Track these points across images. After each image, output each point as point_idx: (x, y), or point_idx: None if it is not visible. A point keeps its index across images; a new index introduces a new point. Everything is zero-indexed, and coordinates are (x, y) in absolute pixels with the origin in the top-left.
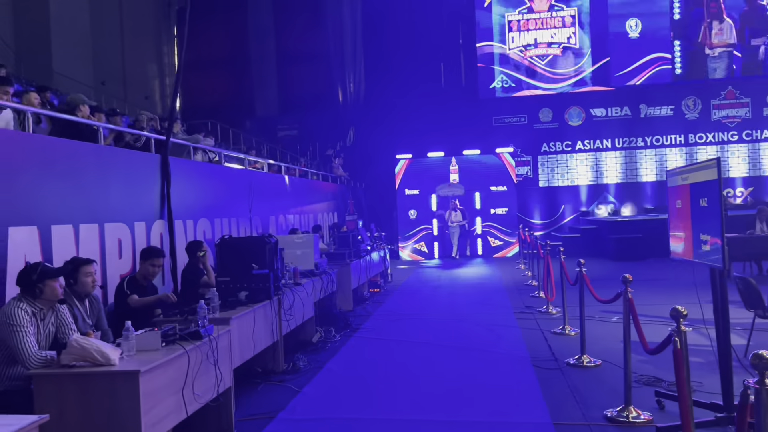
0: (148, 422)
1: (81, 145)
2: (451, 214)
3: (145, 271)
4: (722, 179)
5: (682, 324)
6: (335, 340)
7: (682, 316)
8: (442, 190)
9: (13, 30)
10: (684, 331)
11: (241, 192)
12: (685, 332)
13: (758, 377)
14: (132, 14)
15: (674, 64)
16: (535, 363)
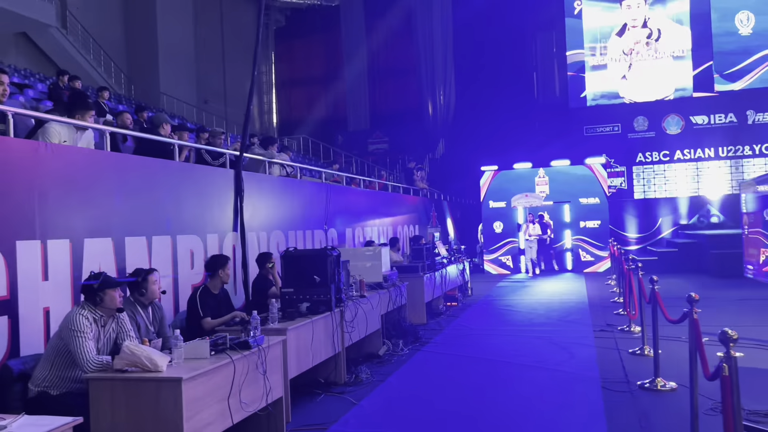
0: (190, 428)
1: (155, 161)
2: (528, 227)
3: (216, 280)
4: None
5: (733, 349)
6: (402, 353)
7: (732, 340)
8: (518, 200)
9: (126, 56)
10: (735, 356)
11: (318, 205)
12: (735, 358)
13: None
14: (232, 36)
15: None
16: (605, 385)
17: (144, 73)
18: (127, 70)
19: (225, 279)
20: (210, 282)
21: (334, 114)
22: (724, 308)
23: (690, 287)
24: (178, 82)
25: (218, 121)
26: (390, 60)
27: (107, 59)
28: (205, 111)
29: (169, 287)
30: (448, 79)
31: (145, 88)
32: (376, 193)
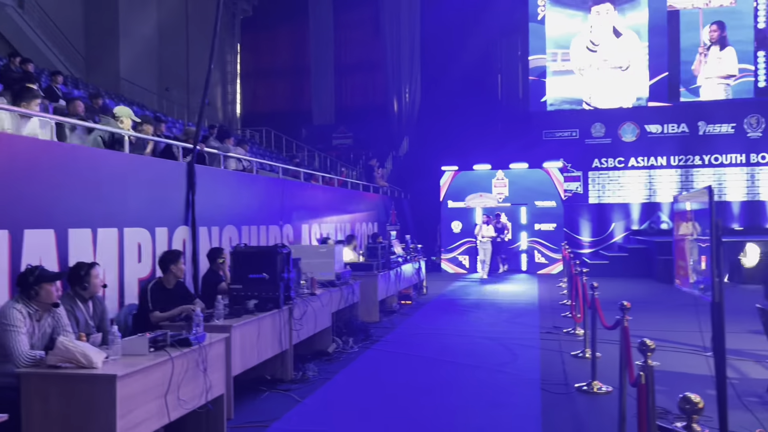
0: (125, 425)
1: (103, 152)
2: (482, 228)
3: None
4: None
5: (650, 359)
6: (352, 351)
7: (650, 350)
8: (473, 200)
9: (84, 38)
10: (651, 365)
11: (274, 200)
12: (651, 367)
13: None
14: (197, 24)
15: (757, 76)
16: (544, 386)
17: (103, 57)
18: (85, 53)
19: (178, 274)
20: (164, 277)
21: (299, 107)
22: (666, 314)
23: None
24: (138, 68)
25: (180, 110)
26: (357, 55)
27: (65, 42)
28: (167, 99)
29: (115, 281)
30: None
31: (104, 73)
32: (335, 189)
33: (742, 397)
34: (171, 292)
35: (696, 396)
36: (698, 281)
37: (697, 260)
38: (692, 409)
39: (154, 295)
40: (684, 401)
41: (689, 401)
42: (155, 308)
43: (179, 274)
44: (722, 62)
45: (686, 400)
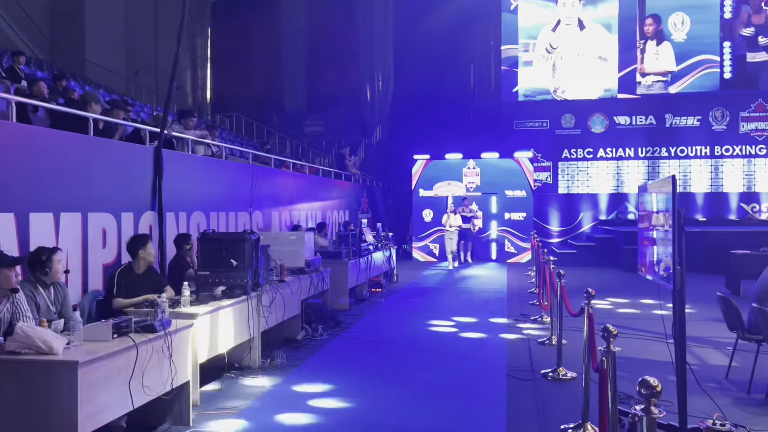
0: (86, 412)
1: (66, 135)
2: (450, 217)
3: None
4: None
5: (612, 344)
6: (321, 338)
7: (612, 336)
8: (440, 188)
9: (49, 19)
10: (613, 351)
11: (243, 187)
12: (614, 352)
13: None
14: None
15: (723, 68)
16: (510, 372)
17: (68, 39)
18: (50, 35)
19: (148, 258)
20: (134, 262)
21: (271, 93)
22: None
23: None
24: (105, 50)
25: (148, 95)
26: (330, 42)
27: (29, 23)
28: (135, 83)
29: (78, 266)
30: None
31: (70, 55)
32: (306, 176)
33: (702, 383)
34: (140, 278)
35: (654, 380)
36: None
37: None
38: (650, 393)
39: (120, 281)
40: (642, 385)
41: (647, 385)
42: (119, 294)
43: (149, 258)
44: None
45: (644, 384)
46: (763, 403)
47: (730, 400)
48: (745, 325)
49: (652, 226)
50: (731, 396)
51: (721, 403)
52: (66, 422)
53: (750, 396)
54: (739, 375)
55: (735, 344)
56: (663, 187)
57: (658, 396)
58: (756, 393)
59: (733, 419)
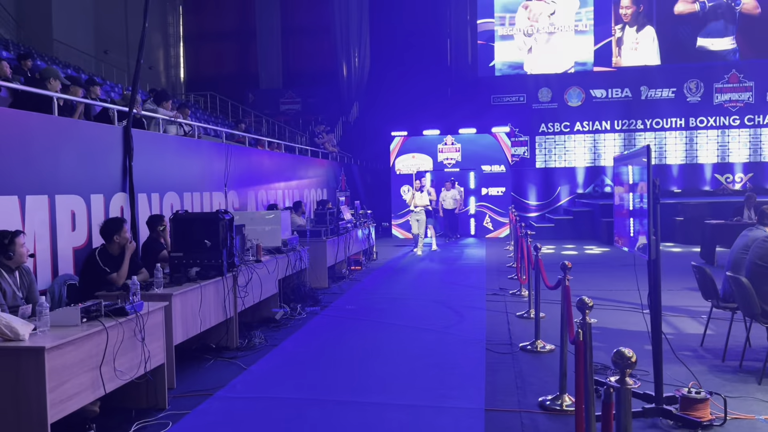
0: (55, 398)
1: (30, 115)
2: (415, 196)
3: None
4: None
5: (588, 316)
6: (300, 317)
7: (588, 307)
8: (403, 162)
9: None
10: (589, 322)
11: (218, 166)
12: (590, 324)
13: (619, 375)
14: None
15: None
16: (489, 346)
17: (35, 17)
18: (15, 13)
19: (123, 242)
20: (108, 245)
21: (246, 71)
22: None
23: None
24: (74, 29)
25: (119, 74)
26: (305, 18)
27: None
28: (105, 62)
29: (47, 250)
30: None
31: (36, 33)
32: (282, 155)
33: (678, 351)
34: (116, 260)
35: (629, 350)
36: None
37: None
38: (625, 364)
39: (104, 260)
40: (617, 356)
41: (622, 356)
42: (113, 271)
43: (124, 242)
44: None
45: (619, 355)
46: (737, 370)
47: (705, 367)
48: (719, 294)
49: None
50: (706, 363)
51: (696, 370)
52: (35, 409)
53: (725, 363)
54: (714, 343)
55: (710, 313)
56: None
57: (632, 367)
58: (730, 360)
59: (708, 387)
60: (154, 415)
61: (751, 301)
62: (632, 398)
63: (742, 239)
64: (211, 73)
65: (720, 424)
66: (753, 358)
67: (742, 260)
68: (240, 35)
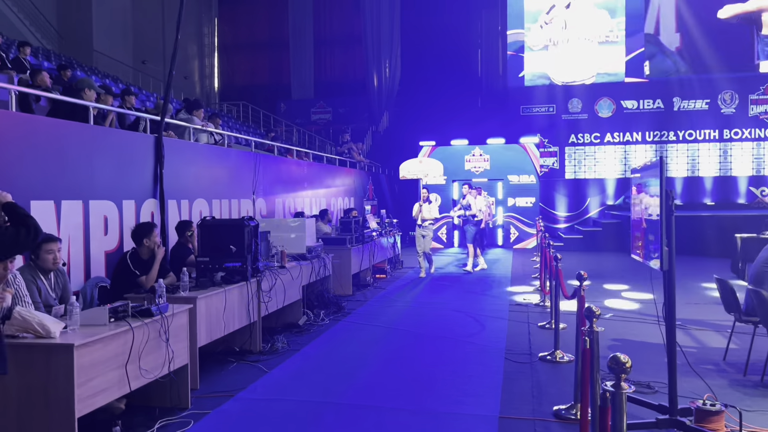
0: (83, 393)
1: (67, 124)
2: (422, 209)
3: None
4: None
5: (596, 324)
6: (323, 323)
7: (595, 315)
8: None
9: (56, 10)
10: (596, 330)
11: (246, 174)
12: (597, 332)
13: (614, 380)
14: None
15: None
16: (508, 356)
17: (76, 28)
18: (57, 24)
19: (152, 246)
20: (138, 249)
21: (278, 81)
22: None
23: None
24: (113, 39)
25: (156, 84)
26: (337, 29)
27: (37, 13)
28: (142, 72)
29: (80, 253)
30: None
31: (77, 44)
32: (310, 164)
33: (700, 365)
34: (146, 263)
35: (624, 356)
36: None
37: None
38: (620, 369)
39: (134, 263)
40: (612, 361)
41: (617, 361)
42: (142, 274)
43: (153, 247)
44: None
45: (615, 360)
46: (758, 384)
47: (726, 381)
48: (742, 308)
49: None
50: (728, 378)
51: (717, 384)
52: (63, 403)
53: (746, 377)
54: (737, 357)
55: (732, 327)
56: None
57: (627, 372)
58: (752, 375)
59: (728, 400)
60: (176, 414)
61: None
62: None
63: (765, 252)
64: (245, 83)
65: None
66: None
67: (765, 274)
68: (273, 46)
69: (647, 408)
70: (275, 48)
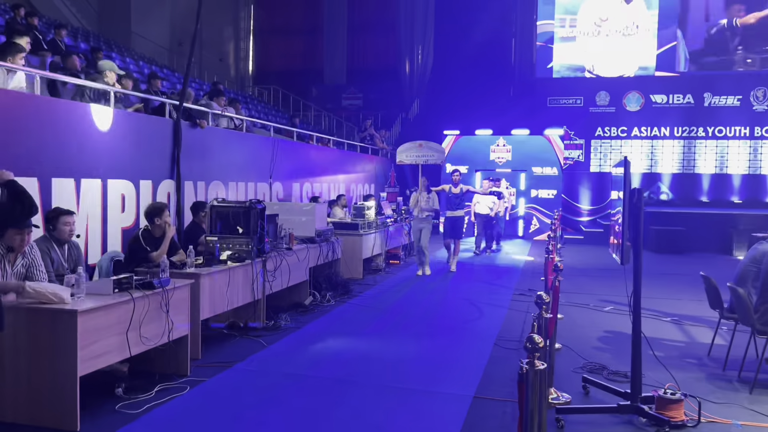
0: (85, 355)
1: (87, 106)
2: (419, 199)
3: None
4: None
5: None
6: (328, 305)
7: (545, 302)
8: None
9: None
10: (545, 317)
11: (264, 158)
12: (546, 318)
13: (528, 359)
14: None
15: None
16: (498, 342)
17: (114, 9)
18: (97, 6)
19: (163, 225)
20: (150, 227)
21: (311, 66)
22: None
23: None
24: (150, 21)
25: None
26: (370, 15)
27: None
28: (178, 54)
29: (98, 229)
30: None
31: (116, 26)
32: (331, 150)
33: (684, 359)
34: (157, 241)
35: (538, 337)
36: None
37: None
38: (534, 348)
39: (146, 240)
40: (528, 340)
41: (532, 341)
42: (152, 251)
43: (164, 225)
44: None
45: (530, 341)
46: (734, 379)
47: (704, 374)
48: (725, 305)
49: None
50: (706, 371)
51: (695, 377)
52: (67, 363)
53: (724, 372)
54: (722, 353)
55: (718, 323)
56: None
57: (541, 351)
58: (731, 370)
59: (700, 392)
60: (176, 380)
61: (747, 312)
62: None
63: (752, 252)
64: (279, 67)
65: (693, 425)
66: (753, 369)
67: (748, 273)
68: (307, 31)
69: (614, 395)
70: (309, 33)
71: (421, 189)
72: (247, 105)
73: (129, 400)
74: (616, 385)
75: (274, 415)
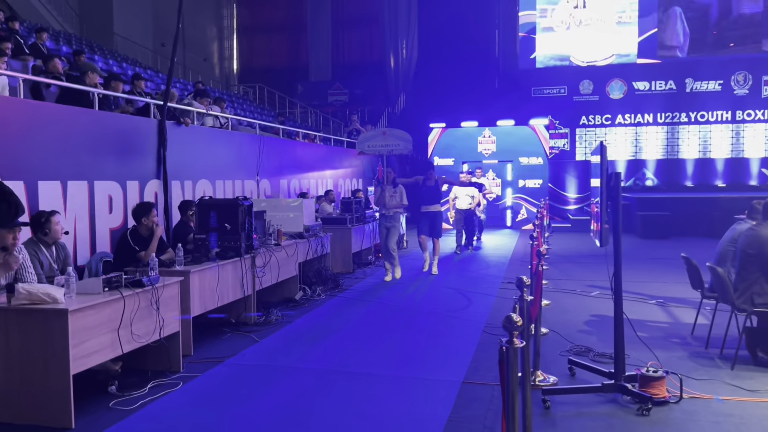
0: (77, 354)
1: (72, 109)
2: (385, 193)
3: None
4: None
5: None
6: (318, 299)
7: (526, 285)
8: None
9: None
10: (527, 299)
11: (250, 156)
12: (527, 300)
13: (508, 337)
14: None
15: None
16: (487, 329)
17: (96, 12)
18: (78, 8)
19: (151, 225)
20: (138, 227)
21: (296, 63)
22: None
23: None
24: (133, 23)
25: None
26: (354, 10)
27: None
28: (161, 55)
29: (86, 230)
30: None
31: (98, 28)
32: (317, 146)
33: (668, 338)
34: (145, 240)
35: (516, 316)
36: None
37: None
38: (512, 327)
39: (134, 240)
40: (506, 320)
41: (510, 320)
42: (141, 249)
43: (152, 225)
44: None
45: (508, 320)
46: (717, 356)
47: (686, 353)
48: (706, 285)
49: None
50: (689, 350)
51: (678, 356)
52: (60, 361)
53: (707, 350)
54: (705, 332)
55: (700, 303)
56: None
57: (518, 329)
58: (713, 348)
59: (682, 369)
60: (168, 377)
61: (727, 290)
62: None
63: (730, 233)
64: (264, 65)
65: (676, 401)
66: (735, 346)
67: (727, 252)
68: (291, 28)
69: (599, 375)
70: (294, 30)
71: (386, 182)
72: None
73: (122, 397)
74: (601, 366)
75: (266, 407)
